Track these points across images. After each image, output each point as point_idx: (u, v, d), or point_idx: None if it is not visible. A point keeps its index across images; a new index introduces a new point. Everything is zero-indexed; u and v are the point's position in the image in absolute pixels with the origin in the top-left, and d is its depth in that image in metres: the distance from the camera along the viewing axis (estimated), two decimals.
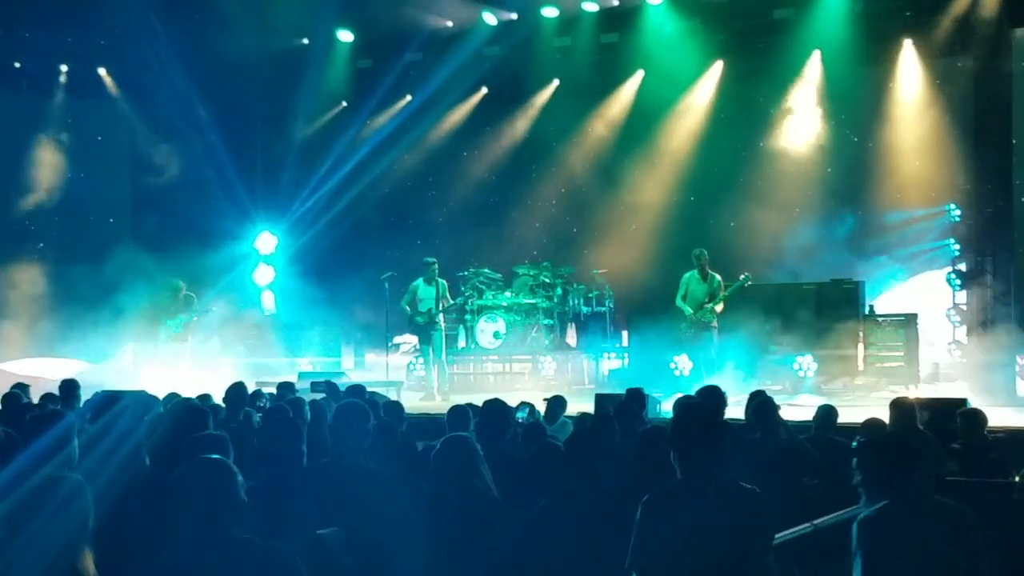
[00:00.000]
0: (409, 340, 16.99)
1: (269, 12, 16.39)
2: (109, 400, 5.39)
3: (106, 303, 16.92)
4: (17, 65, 17.68)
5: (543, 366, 15.53)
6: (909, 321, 13.83)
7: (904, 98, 15.39)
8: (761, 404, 7.20)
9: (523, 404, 8.71)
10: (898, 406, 7.25)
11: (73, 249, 17.45)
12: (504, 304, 15.88)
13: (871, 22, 15.00)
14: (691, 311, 13.31)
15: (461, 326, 16.18)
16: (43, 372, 16.36)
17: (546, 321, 15.85)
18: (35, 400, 8.61)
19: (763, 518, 3.90)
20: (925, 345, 14.14)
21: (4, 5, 16.14)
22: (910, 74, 15.33)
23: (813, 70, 15.85)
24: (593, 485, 4.56)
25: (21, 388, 9.05)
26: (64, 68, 18.08)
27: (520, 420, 7.80)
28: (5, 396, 8.53)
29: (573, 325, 16.30)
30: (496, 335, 15.75)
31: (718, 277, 13.43)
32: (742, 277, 13.42)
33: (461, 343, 16.23)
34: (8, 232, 17.63)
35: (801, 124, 16.02)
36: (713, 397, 7.01)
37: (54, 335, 17.82)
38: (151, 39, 16.25)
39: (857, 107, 15.70)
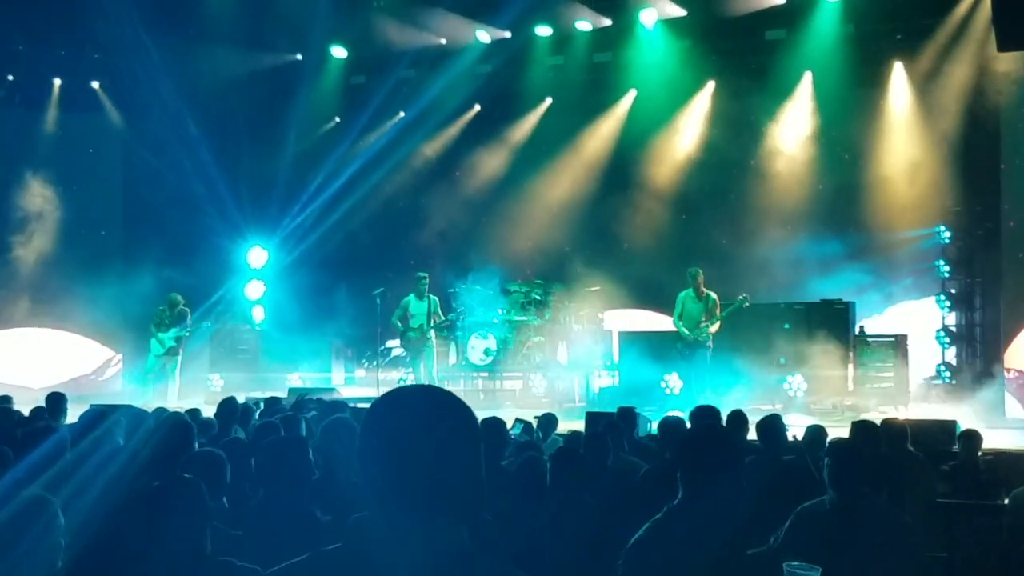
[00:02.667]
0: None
1: (263, 28, 16.42)
2: (100, 415, 5.38)
3: (98, 316, 16.90)
4: (10, 78, 17.67)
5: (533, 383, 15.50)
6: (899, 342, 13.87)
7: (894, 120, 15.47)
8: (769, 422, 7.05)
9: (518, 421, 8.66)
10: (888, 426, 7.24)
11: (64, 262, 17.39)
12: (495, 321, 15.87)
13: (862, 44, 15.12)
14: (687, 331, 13.30)
15: (452, 342, 16.15)
16: (28, 383, 16.33)
17: (537, 338, 15.83)
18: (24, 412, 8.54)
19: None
20: (915, 366, 14.17)
21: None
22: (900, 96, 15.44)
23: (805, 91, 15.94)
24: (578, 503, 4.53)
25: (6, 400, 8.93)
26: (57, 82, 18.06)
27: (514, 437, 7.75)
28: None
29: (564, 342, 16.28)
30: (487, 352, 15.72)
31: (713, 295, 13.42)
32: (740, 298, 13.41)
33: (452, 359, 16.19)
34: None
35: (792, 144, 16.08)
36: (711, 417, 6.97)
37: (44, 346, 17.78)
38: (144, 54, 16.24)
39: (848, 128, 15.76)
